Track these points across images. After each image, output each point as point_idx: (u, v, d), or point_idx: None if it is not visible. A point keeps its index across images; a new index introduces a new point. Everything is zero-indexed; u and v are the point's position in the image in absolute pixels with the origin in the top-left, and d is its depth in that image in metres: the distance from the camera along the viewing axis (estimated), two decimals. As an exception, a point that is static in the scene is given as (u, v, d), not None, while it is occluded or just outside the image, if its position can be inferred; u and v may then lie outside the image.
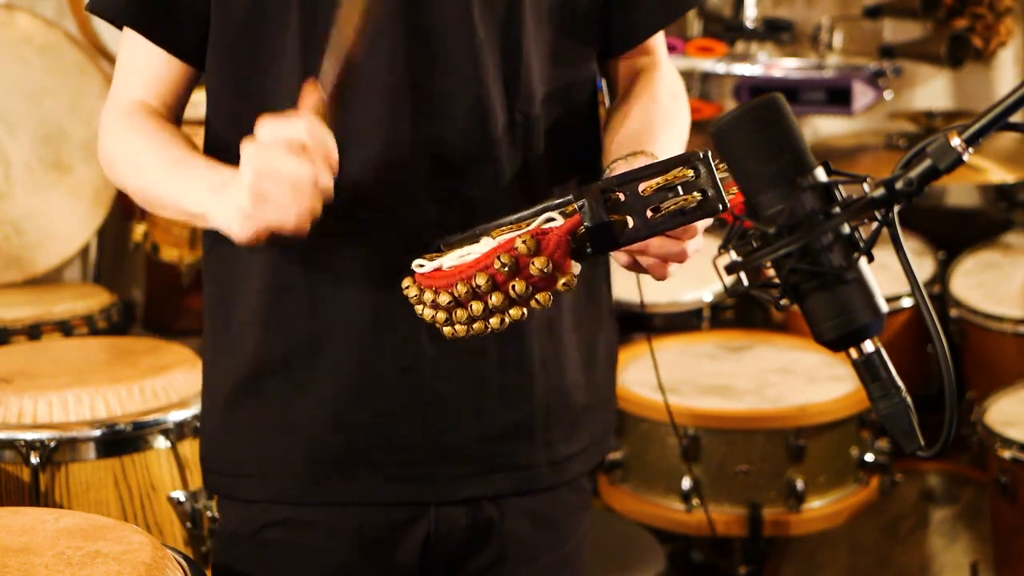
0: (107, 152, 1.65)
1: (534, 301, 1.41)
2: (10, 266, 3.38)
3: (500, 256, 1.38)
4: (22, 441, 2.18)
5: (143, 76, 1.64)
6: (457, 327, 1.44)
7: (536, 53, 1.64)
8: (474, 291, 1.40)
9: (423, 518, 1.66)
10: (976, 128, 1.27)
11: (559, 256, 1.38)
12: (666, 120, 1.69)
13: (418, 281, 1.47)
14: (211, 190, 1.50)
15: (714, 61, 3.72)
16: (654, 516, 2.83)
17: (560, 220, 1.40)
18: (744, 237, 1.31)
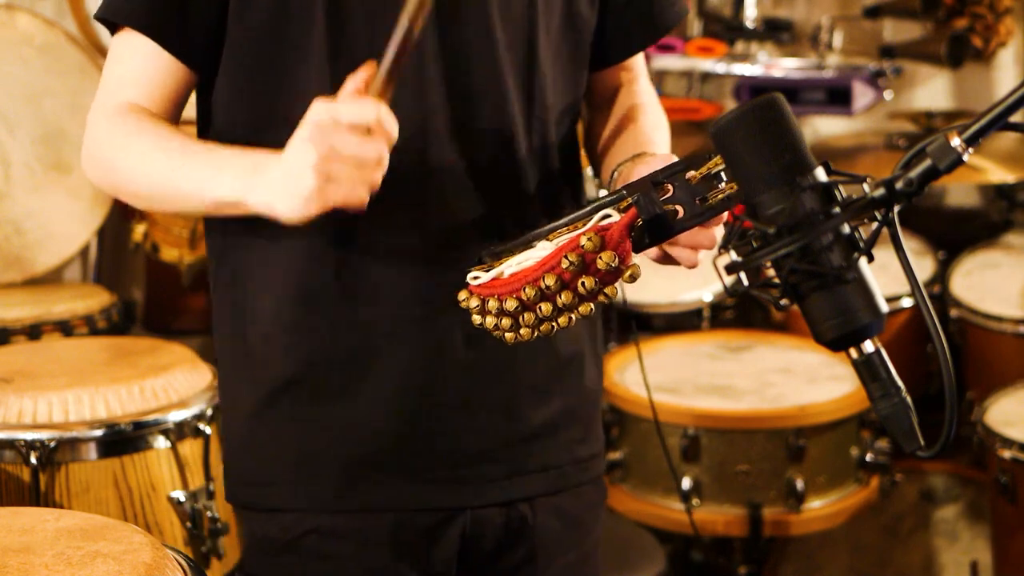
0: (101, 155, 1.61)
1: (602, 295, 1.45)
2: (10, 266, 3.37)
3: (567, 255, 1.41)
4: (22, 441, 2.18)
5: (141, 82, 1.61)
6: (523, 331, 1.47)
7: (550, 73, 1.67)
8: (543, 292, 1.43)
9: (459, 520, 1.67)
10: (976, 128, 1.27)
11: (623, 249, 1.41)
12: (656, 128, 1.75)
13: (476, 292, 1.49)
14: (246, 173, 1.48)
15: (714, 61, 3.72)
16: (654, 516, 2.83)
17: (616, 215, 1.44)
18: (744, 237, 1.31)
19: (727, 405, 2.85)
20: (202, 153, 1.54)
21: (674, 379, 2.98)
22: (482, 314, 1.49)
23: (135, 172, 1.57)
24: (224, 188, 1.50)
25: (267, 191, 1.46)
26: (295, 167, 1.42)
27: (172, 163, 1.54)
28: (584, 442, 1.76)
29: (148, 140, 1.56)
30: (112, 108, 1.60)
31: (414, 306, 1.61)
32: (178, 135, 1.57)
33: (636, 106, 1.78)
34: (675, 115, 3.72)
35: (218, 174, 1.51)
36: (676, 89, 3.93)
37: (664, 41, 3.74)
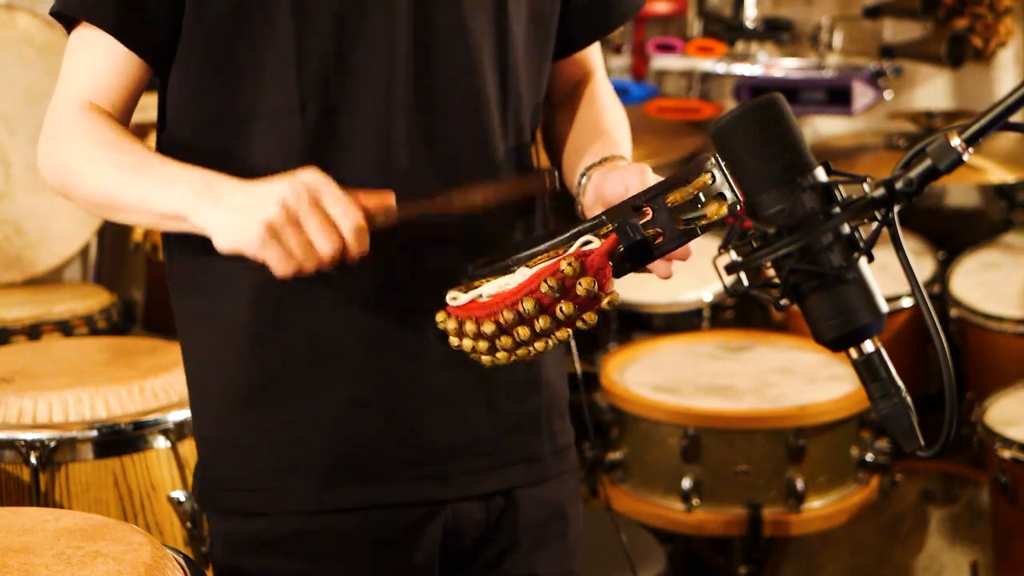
0: (55, 156, 1.59)
1: (580, 321, 1.45)
2: (10, 266, 3.38)
3: (547, 280, 1.41)
4: (22, 441, 2.18)
5: (97, 78, 1.58)
6: (499, 355, 1.48)
7: (522, 68, 1.66)
8: (521, 316, 1.43)
9: (440, 515, 1.66)
10: (976, 128, 1.27)
11: (603, 275, 1.41)
12: (618, 127, 1.75)
13: (454, 314, 1.49)
14: (194, 191, 1.48)
15: (714, 61, 3.72)
16: (654, 516, 2.83)
17: (596, 241, 1.43)
18: (744, 237, 1.31)
19: (727, 405, 2.85)
20: (155, 164, 1.53)
21: (674, 379, 2.98)
22: (459, 336, 1.49)
23: (85, 180, 1.56)
24: (172, 203, 1.49)
25: (214, 213, 1.46)
26: (255, 208, 1.43)
27: (123, 171, 1.53)
28: (563, 432, 1.76)
29: (102, 147, 1.55)
30: (67, 108, 1.58)
31: (388, 306, 1.60)
32: (134, 144, 1.55)
33: (597, 103, 1.77)
34: (675, 115, 3.73)
35: (169, 188, 1.50)
36: (676, 89, 3.93)
37: (664, 41, 3.74)
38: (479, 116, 1.62)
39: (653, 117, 3.71)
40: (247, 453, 1.65)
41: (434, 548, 1.67)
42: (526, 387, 1.69)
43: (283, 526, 1.65)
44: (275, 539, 1.65)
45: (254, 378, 1.63)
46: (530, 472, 1.71)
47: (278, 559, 1.66)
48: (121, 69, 1.59)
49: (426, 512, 1.66)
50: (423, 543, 1.66)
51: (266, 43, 1.56)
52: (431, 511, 1.66)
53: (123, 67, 1.59)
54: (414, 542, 1.66)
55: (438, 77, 1.59)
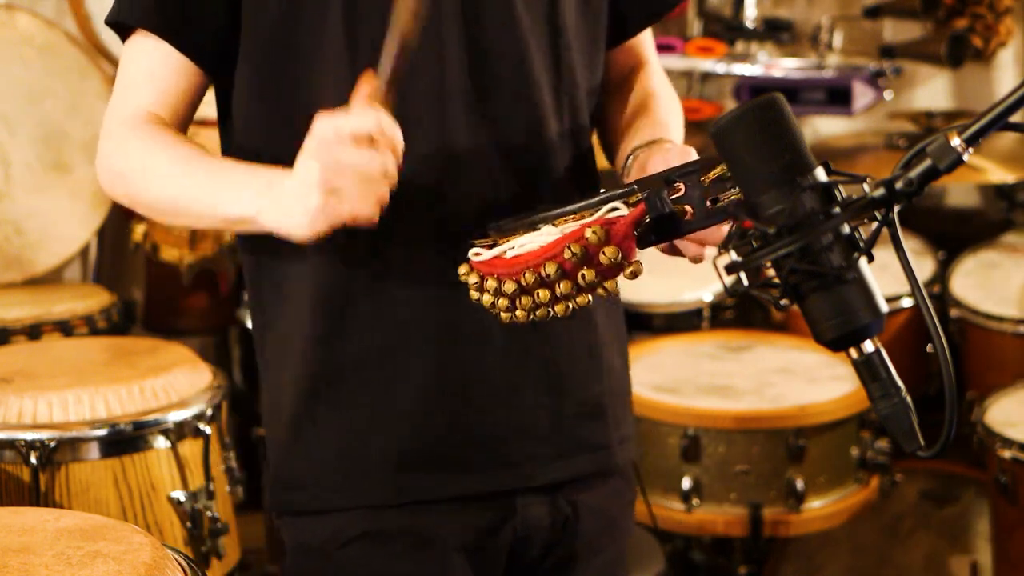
0: (114, 165, 1.60)
1: (601, 289, 1.45)
2: (10, 266, 3.38)
3: (570, 245, 1.41)
4: (22, 441, 2.18)
5: (154, 86, 1.60)
6: (518, 313, 1.47)
7: (576, 53, 1.67)
8: (542, 279, 1.43)
9: (510, 522, 1.66)
10: (976, 128, 1.27)
11: (628, 245, 1.41)
12: (670, 112, 1.75)
13: (477, 268, 1.49)
14: (258, 193, 1.49)
15: (714, 61, 3.72)
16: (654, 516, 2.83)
17: (624, 210, 1.43)
18: (744, 237, 1.31)
19: (727, 405, 2.85)
20: (218, 169, 1.55)
21: (674, 379, 2.98)
22: (480, 291, 1.49)
23: (150, 188, 1.57)
24: (238, 207, 1.51)
25: (276, 211, 1.47)
26: (301, 185, 1.43)
27: (188, 177, 1.54)
28: (625, 422, 1.76)
29: (163, 155, 1.56)
30: (126, 116, 1.60)
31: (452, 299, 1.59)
32: (193, 149, 1.57)
33: (649, 92, 1.77)
34: (675, 115, 3.73)
35: (233, 192, 1.51)
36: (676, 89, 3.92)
37: (664, 41, 3.74)
38: (531, 100, 1.62)
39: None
40: (319, 450, 1.65)
41: (502, 557, 1.67)
42: (590, 374, 1.70)
43: (350, 529, 1.64)
44: (343, 543, 1.64)
45: (324, 375, 1.63)
46: (596, 460, 1.71)
47: (347, 564, 1.65)
48: (178, 76, 1.60)
49: (496, 518, 1.66)
50: (492, 551, 1.66)
51: (318, 47, 1.57)
52: (500, 516, 1.66)
53: (180, 74, 1.60)
54: (483, 549, 1.66)
55: (490, 64, 1.60)
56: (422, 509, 1.64)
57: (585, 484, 1.71)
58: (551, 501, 1.69)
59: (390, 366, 1.62)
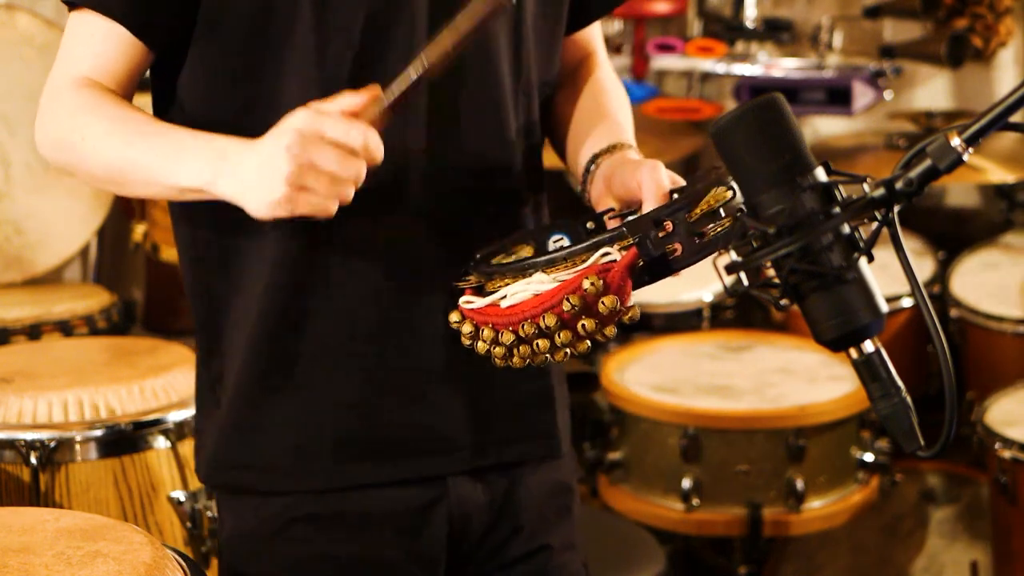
0: (55, 131, 1.56)
1: (600, 335, 1.45)
2: (10, 266, 3.38)
3: (569, 297, 1.41)
4: (22, 441, 2.18)
5: (98, 59, 1.56)
6: (515, 359, 1.48)
7: (533, 47, 1.67)
8: (541, 330, 1.43)
9: (443, 502, 1.66)
10: (976, 128, 1.27)
11: (625, 291, 1.42)
12: (621, 109, 1.75)
13: (470, 317, 1.49)
14: (210, 161, 1.47)
15: (714, 61, 3.72)
16: (654, 516, 2.83)
17: (615, 254, 1.43)
18: (744, 237, 1.31)
19: (727, 405, 2.85)
20: (164, 134, 1.51)
21: (674, 379, 2.98)
22: (474, 339, 1.49)
23: (93, 152, 1.54)
24: (189, 174, 1.48)
25: (236, 183, 1.45)
26: (269, 170, 1.42)
27: (132, 144, 1.51)
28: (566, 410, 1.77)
29: (106, 118, 1.53)
30: (68, 83, 1.56)
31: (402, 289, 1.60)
32: (138, 113, 1.54)
33: (600, 87, 1.77)
34: (675, 115, 3.73)
35: (181, 158, 1.49)
36: (676, 89, 3.93)
37: (664, 41, 3.74)
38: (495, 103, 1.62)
39: (653, 117, 3.71)
40: (264, 434, 1.64)
41: (441, 537, 1.67)
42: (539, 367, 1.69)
43: (289, 511, 1.65)
44: (281, 525, 1.65)
45: (273, 361, 1.63)
46: (544, 447, 1.72)
47: (283, 546, 1.65)
48: (123, 53, 1.57)
49: (431, 498, 1.66)
50: (429, 531, 1.67)
51: (289, 38, 1.55)
52: (435, 498, 1.66)
53: (125, 52, 1.57)
54: (420, 529, 1.66)
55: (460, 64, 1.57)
56: (361, 494, 1.64)
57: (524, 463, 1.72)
58: (484, 479, 1.69)
59: (337, 355, 1.62)
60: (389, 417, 1.64)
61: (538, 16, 1.67)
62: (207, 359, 1.69)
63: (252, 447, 1.65)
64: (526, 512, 1.72)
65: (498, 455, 1.69)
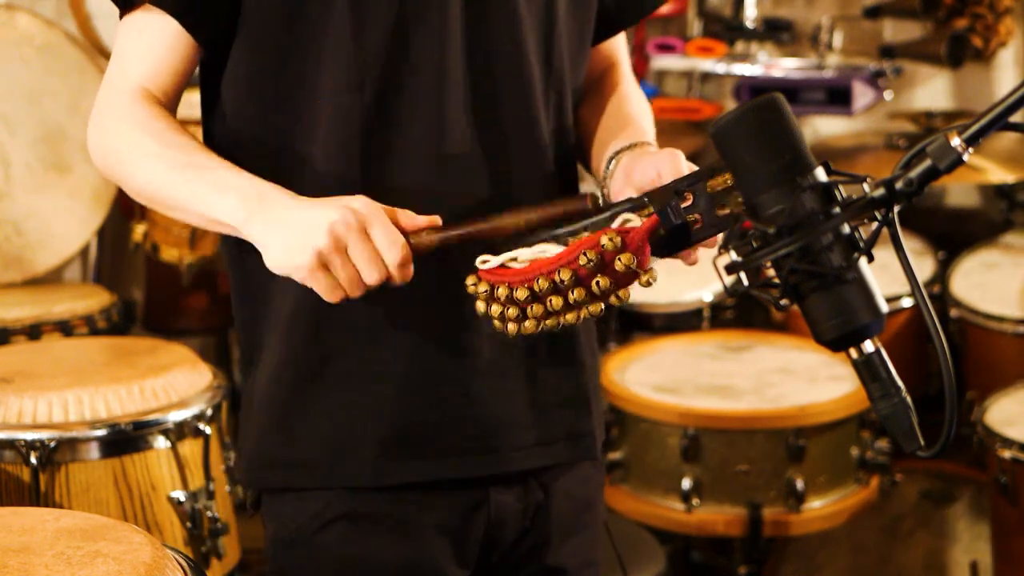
0: (107, 141, 1.60)
1: (614, 297, 1.45)
2: (10, 266, 3.38)
3: (586, 252, 1.41)
4: (22, 441, 2.18)
5: (151, 61, 1.59)
6: (527, 323, 1.47)
7: (566, 52, 1.68)
8: (556, 285, 1.43)
9: (483, 508, 1.67)
10: (976, 128, 1.27)
11: (643, 253, 1.41)
12: (643, 116, 1.78)
13: (485, 277, 1.49)
14: (246, 204, 1.49)
15: (714, 61, 3.72)
16: (654, 516, 2.84)
17: (637, 220, 1.43)
18: (744, 237, 1.31)
19: (727, 405, 2.85)
20: (209, 167, 1.54)
21: (674, 379, 2.98)
22: (488, 301, 1.48)
23: (139, 171, 1.57)
24: (224, 211, 1.51)
25: (264, 234, 1.48)
26: (304, 235, 1.45)
27: (177, 171, 1.54)
28: (599, 412, 1.78)
29: (157, 140, 1.56)
30: (124, 91, 1.59)
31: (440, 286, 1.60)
32: (188, 139, 1.57)
33: (622, 93, 1.79)
34: (675, 115, 3.73)
35: (221, 194, 1.51)
36: (676, 89, 3.93)
37: (664, 41, 3.74)
38: (527, 100, 1.63)
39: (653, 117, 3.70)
40: (303, 434, 1.65)
41: (476, 542, 1.68)
42: (569, 364, 1.71)
43: (331, 509, 1.65)
44: (324, 524, 1.65)
45: (312, 357, 1.64)
46: (577, 448, 1.73)
47: (326, 546, 1.66)
48: (176, 52, 1.59)
49: (471, 503, 1.67)
50: (468, 536, 1.67)
51: (324, 23, 1.56)
52: (475, 504, 1.67)
53: (176, 49, 1.59)
54: (461, 533, 1.67)
55: (489, 59, 1.61)
56: (400, 496, 1.65)
57: (557, 468, 1.73)
58: (523, 487, 1.70)
59: (374, 351, 1.63)
60: (426, 416, 1.64)
61: (569, 19, 1.68)
62: (248, 360, 1.71)
63: (292, 446, 1.66)
64: (554, 526, 1.73)
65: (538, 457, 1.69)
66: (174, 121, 1.59)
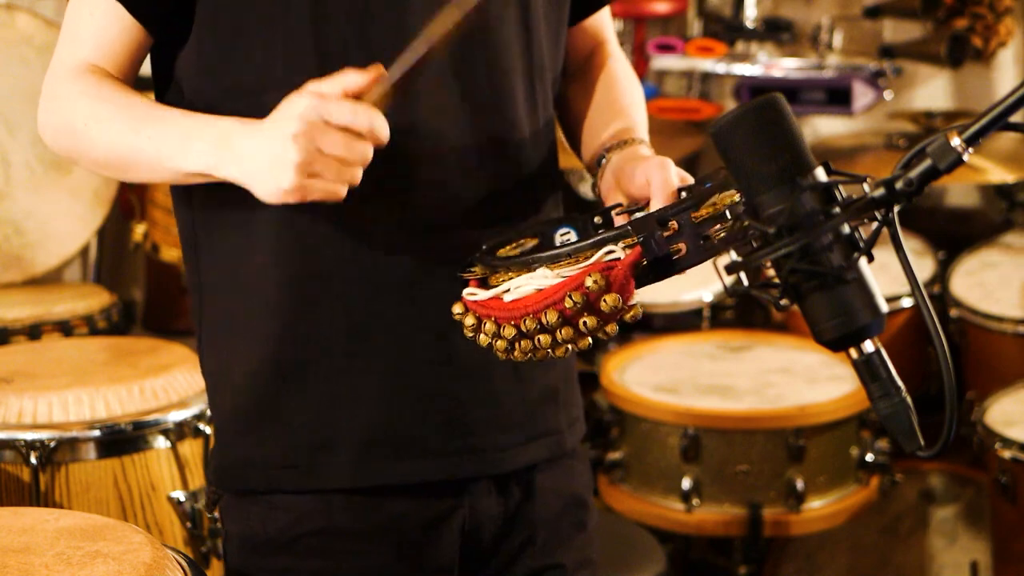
0: (58, 117, 1.56)
1: (602, 333, 1.44)
2: (10, 266, 3.38)
3: (571, 294, 1.41)
4: (22, 441, 2.18)
5: (99, 43, 1.56)
6: (516, 354, 1.47)
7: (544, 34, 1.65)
8: (543, 326, 1.43)
9: (458, 514, 1.65)
10: (976, 128, 1.27)
11: (627, 290, 1.41)
12: (634, 103, 1.74)
13: (474, 310, 1.49)
14: (216, 145, 1.47)
15: (714, 61, 3.72)
16: (654, 516, 2.84)
17: (619, 252, 1.43)
18: (744, 237, 1.31)
19: (727, 405, 2.85)
20: (167, 119, 1.51)
21: (674, 379, 2.98)
22: (476, 332, 1.49)
23: (96, 138, 1.54)
24: (193, 159, 1.48)
25: (243, 170, 1.46)
26: (278, 160, 1.42)
27: (135, 129, 1.51)
28: (575, 404, 1.76)
29: (109, 104, 1.53)
30: (70, 68, 1.56)
31: (421, 286, 1.59)
32: (140, 98, 1.54)
33: (612, 77, 1.76)
34: (675, 115, 3.73)
35: (186, 143, 1.49)
36: (676, 89, 3.93)
37: (664, 41, 3.74)
38: (502, 84, 1.61)
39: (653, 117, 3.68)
40: (278, 432, 1.62)
41: (453, 549, 1.66)
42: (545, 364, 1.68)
43: (300, 525, 1.62)
44: (291, 538, 1.63)
45: (289, 355, 1.61)
46: (549, 445, 1.71)
47: (292, 558, 1.63)
48: (125, 35, 1.57)
49: (444, 510, 1.65)
50: (442, 543, 1.65)
51: (283, 7, 1.54)
52: (448, 509, 1.65)
53: (127, 34, 1.57)
54: (433, 542, 1.65)
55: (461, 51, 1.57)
56: (372, 499, 1.63)
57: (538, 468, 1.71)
58: (501, 488, 1.68)
59: (354, 349, 1.60)
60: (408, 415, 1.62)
61: (546, 7, 1.66)
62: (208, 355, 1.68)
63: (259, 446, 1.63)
64: (540, 525, 1.71)
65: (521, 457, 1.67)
66: (122, 84, 1.56)
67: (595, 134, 1.69)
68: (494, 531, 1.68)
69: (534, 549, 1.71)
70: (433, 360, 1.62)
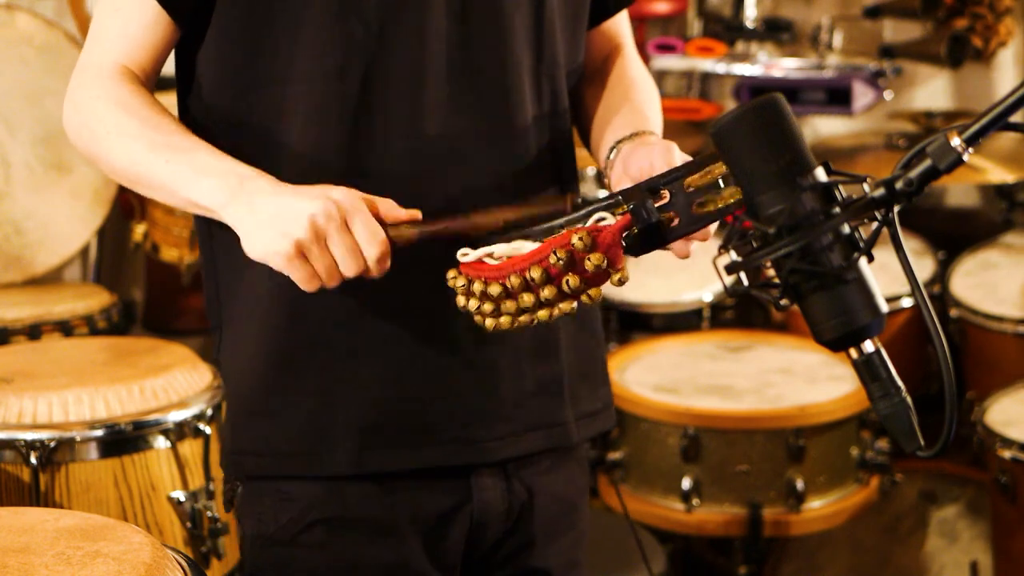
0: (83, 117, 1.59)
1: (585, 296, 1.45)
2: (10, 266, 3.38)
3: (556, 251, 1.41)
4: (22, 441, 2.17)
5: (126, 39, 1.59)
6: (502, 319, 1.48)
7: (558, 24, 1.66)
8: (527, 283, 1.44)
9: (466, 508, 1.67)
10: (976, 128, 1.27)
11: (614, 253, 1.41)
12: (649, 102, 1.75)
13: (464, 271, 1.50)
14: (227, 189, 1.49)
15: (714, 61, 3.72)
16: (654, 516, 2.84)
17: (611, 219, 1.43)
18: (744, 237, 1.31)
19: (727, 405, 2.85)
20: (190, 150, 1.53)
21: (674, 379, 2.98)
22: (466, 295, 1.49)
23: (117, 149, 1.56)
24: (203, 194, 1.50)
25: (243, 220, 1.48)
26: (284, 223, 1.44)
27: (157, 152, 1.53)
28: (589, 399, 1.76)
29: (136, 118, 1.55)
30: (101, 68, 1.59)
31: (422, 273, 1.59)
32: (166, 118, 1.55)
33: (628, 79, 1.77)
34: (675, 115, 3.73)
35: (200, 177, 1.51)
36: (676, 89, 3.93)
37: (664, 41, 3.74)
38: (510, 83, 1.62)
39: (654, 116, 3.70)
40: (283, 419, 1.65)
41: (459, 545, 1.68)
42: (546, 352, 1.70)
43: (310, 513, 1.65)
44: (305, 527, 1.65)
45: (292, 343, 1.63)
46: (551, 437, 1.71)
47: (303, 550, 1.65)
48: (153, 30, 1.58)
49: (454, 503, 1.66)
50: (450, 537, 1.67)
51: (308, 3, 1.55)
52: (460, 499, 1.66)
53: (154, 28, 1.58)
54: (442, 535, 1.66)
55: (473, 44, 1.59)
56: (381, 489, 1.64)
57: (540, 467, 1.72)
58: (506, 486, 1.69)
59: (356, 338, 1.62)
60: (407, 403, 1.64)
61: (562, 8, 1.67)
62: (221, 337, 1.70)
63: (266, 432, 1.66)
64: (539, 527, 1.73)
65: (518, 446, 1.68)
66: (152, 99, 1.58)
67: (606, 130, 1.70)
68: (497, 530, 1.70)
69: (530, 552, 1.73)
70: (429, 350, 1.63)
